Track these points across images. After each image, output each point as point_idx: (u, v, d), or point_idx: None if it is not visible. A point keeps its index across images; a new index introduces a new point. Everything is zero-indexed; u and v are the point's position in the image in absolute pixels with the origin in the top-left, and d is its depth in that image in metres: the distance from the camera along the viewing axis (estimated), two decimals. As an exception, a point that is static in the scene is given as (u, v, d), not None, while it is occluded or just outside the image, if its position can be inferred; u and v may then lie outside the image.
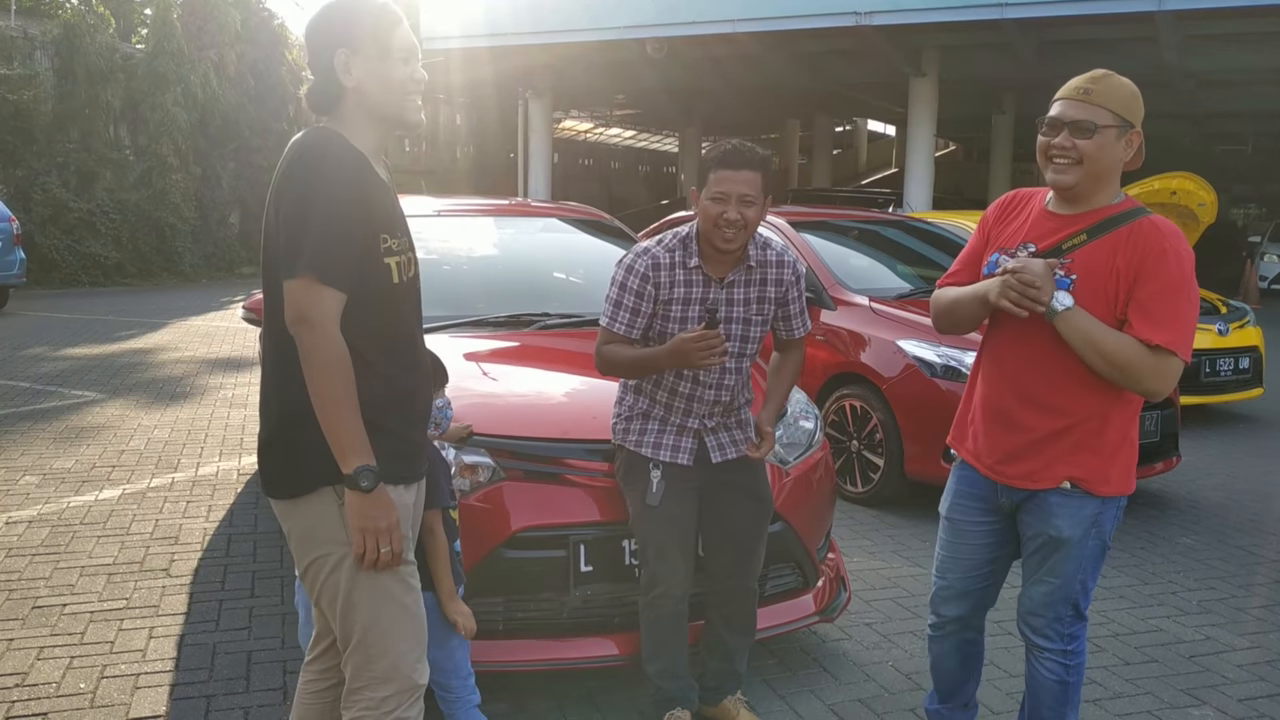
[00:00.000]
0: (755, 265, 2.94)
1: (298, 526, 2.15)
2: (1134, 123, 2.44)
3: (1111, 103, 2.41)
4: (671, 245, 2.93)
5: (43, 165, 17.93)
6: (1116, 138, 2.41)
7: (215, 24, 20.82)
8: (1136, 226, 2.41)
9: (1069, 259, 2.44)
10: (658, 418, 2.99)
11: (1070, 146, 2.41)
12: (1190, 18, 14.77)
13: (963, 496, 2.70)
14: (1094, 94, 2.41)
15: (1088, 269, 2.42)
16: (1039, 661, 2.63)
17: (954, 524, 2.74)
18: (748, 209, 2.79)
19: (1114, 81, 2.43)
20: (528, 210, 6.10)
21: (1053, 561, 2.54)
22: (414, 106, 2.15)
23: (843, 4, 15.34)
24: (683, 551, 2.94)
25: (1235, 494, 6.02)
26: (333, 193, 1.99)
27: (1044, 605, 2.58)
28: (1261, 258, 19.92)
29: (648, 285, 2.90)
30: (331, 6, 2.14)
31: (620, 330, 2.93)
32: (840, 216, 7.82)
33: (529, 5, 17.92)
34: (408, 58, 2.13)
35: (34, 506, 5.14)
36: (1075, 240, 2.45)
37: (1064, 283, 2.42)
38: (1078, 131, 2.41)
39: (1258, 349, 8.20)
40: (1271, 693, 3.50)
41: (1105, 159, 2.42)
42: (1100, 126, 2.39)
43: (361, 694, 2.16)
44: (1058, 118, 2.45)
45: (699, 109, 28.83)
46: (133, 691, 3.29)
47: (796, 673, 3.54)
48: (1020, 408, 2.53)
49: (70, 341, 10.78)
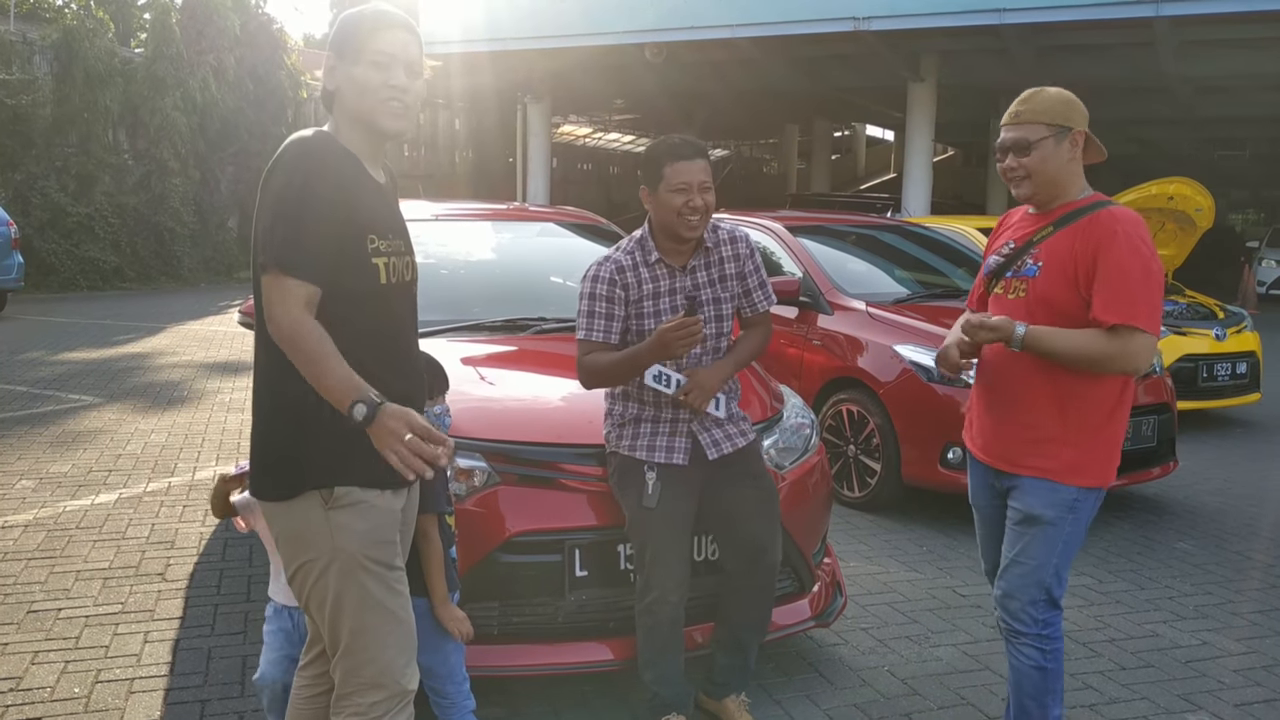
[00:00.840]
0: (711, 247, 3.05)
1: (285, 530, 2.15)
2: (1070, 125, 2.62)
3: (1041, 115, 2.62)
4: (629, 249, 3.06)
5: (41, 169, 17.91)
6: (1055, 145, 2.62)
7: (214, 28, 20.81)
8: (1095, 216, 2.60)
9: (1038, 249, 2.67)
10: (649, 420, 3.01)
11: (1016, 166, 2.65)
12: (1188, 23, 14.80)
13: (976, 484, 2.91)
14: (1024, 114, 2.63)
15: (1052, 255, 2.64)
16: (1017, 649, 2.74)
17: (977, 510, 2.94)
18: (707, 194, 2.94)
19: (1041, 96, 2.64)
20: (525, 215, 6.10)
21: (1026, 541, 2.69)
22: (388, 112, 2.11)
23: (841, 9, 15.37)
24: (679, 555, 2.94)
25: (1232, 499, 6.02)
26: (307, 187, 2.00)
27: (1019, 588, 2.70)
28: (1259, 263, 19.93)
29: (615, 289, 2.99)
30: (344, 14, 2.18)
31: (598, 338, 2.98)
32: (837, 221, 7.84)
33: (528, 10, 17.94)
34: (386, 63, 2.10)
35: (30, 511, 5.13)
36: (1043, 233, 2.68)
37: (1032, 269, 2.66)
38: (1018, 151, 2.64)
39: (1255, 354, 8.21)
40: (1268, 698, 3.50)
41: (1050, 166, 2.63)
42: (1035, 141, 2.61)
43: (350, 700, 2.16)
44: (1001, 143, 2.69)
45: (698, 113, 28.83)
46: (127, 696, 3.28)
47: (792, 678, 3.53)
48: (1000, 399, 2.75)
49: (67, 346, 10.78)
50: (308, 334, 1.97)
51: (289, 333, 1.97)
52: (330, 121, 2.17)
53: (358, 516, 2.09)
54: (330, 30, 2.19)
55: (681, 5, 16.53)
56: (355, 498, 2.09)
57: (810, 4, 15.65)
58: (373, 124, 2.13)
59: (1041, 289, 2.64)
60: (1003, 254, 2.77)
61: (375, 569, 2.12)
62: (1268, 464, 6.98)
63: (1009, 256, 2.75)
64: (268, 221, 2.01)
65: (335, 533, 2.08)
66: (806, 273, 6.17)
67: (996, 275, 2.79)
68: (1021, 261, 2.70)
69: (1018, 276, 2.71)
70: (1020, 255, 2.71)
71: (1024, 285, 2.68)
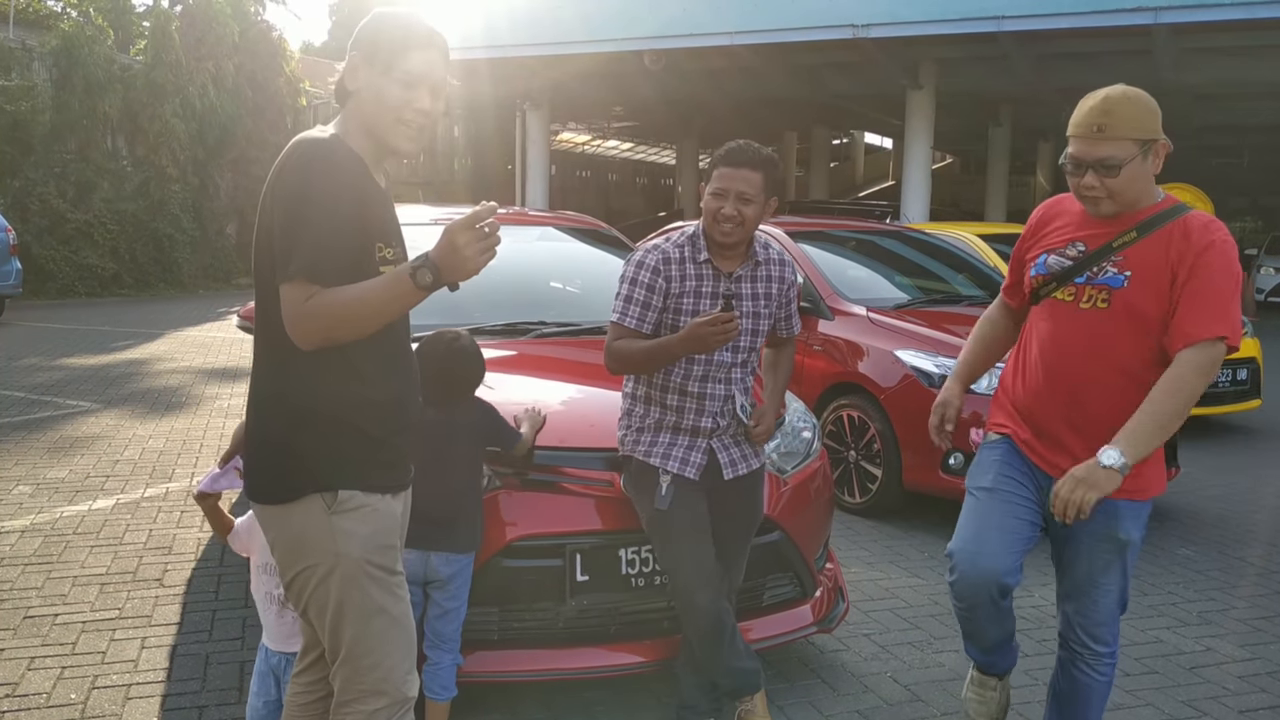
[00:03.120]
0: (761, 262, 3.02)
1: (284, 535, 2.10)
2: (1157, 135, 2.40)
3: (1132, 130, 2.36)
4: (680, 242, 3.00)
5: (40, 175, 17.92)
6: (1143, 161, 2.40)
7: (213, 35, 20.84)
8: (1184, 223, 2.42)
9: (1120, 256, 2.45)
10: (669, 427, 2.98)
11: (1098, 184, 2.40)
12: (1186, 31, 14.83)
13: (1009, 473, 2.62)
14: (1109, 127, 2.35)
15: (1143, 264, 2.43)
16: (1093, 668, 2.64)
17: (991, 493, 2.63)
18: (745, 206, 2.86)
19: (1127, 106, 2.38)
20: (524, 219, 6.08)
21: (1116, 564, 2.56)
22: (404, 134, 2.08)
23: (840, 17, 15.39)
24: (697, 553, 2.90)
25: (1233, 505, 6.01)
26: (327, 193, 1.95)
27: (1107, 611, 2.60)
28: (1258, 270, 19.95)
29: (658, 279, 2.94)
30: (378, 13, 2.11)
31: (631, 324, 2.94)
32: (838, 227, 7.83)
33: (527, 17, 17.96)
34: (412, 83, 2.05)
35: (27, 516, 5.11)
36: (1126, 238, 2.45)
37: (1118, 279, 2.44)
38: (1104, 170, 2.38)
39: (1255, 360, 8.19)
40: (1272, 704, 3.48)
41: (1137, 184, 2.41)
42: (1125, 160, 2.36)
43: (351, 707, 2.13)
44: (1076, 158, 2.41)
45: (696, 121, 28.90)
46: (124, 702, 3.26)
47: (794, 684, 3.51)
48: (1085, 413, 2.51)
49: (65, 352, 10.75)
50: (335, 306, 1.92)
51: (325, 324, 1.92)
52: (339, 120, 2.10)
53: (361, 521, 2.07)
54: (363, 24, 2.10)
55: (680, 13, 16.55)
56: (359, 502, 2.06)
57: (809, 12, 15.66)
58: (385, 140, 2.08)
59: (1130, 300, 2.43)
60: (1069, 255, 2.53)
61: (378, 574, 2.09)
62: (1269, 470, 6.97)
63: (1080, 260, 2.50)
64: (288, 226, 1.94)
65: (338, 538, 2.05)
66: (807, 278, 6.17)
67: (1062, 279, 2.54)
68: (1100, 268, 2.47)
69: (1095, 284, 2.48)
70: (1097, 261, 2.48)
71: (1105, 295, 2.46)
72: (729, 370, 2.96)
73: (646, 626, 3.16)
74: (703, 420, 2.96)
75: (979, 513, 2.63)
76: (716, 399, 2.96)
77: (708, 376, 2.94)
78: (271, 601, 2.69)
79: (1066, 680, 2.68)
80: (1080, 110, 2.42)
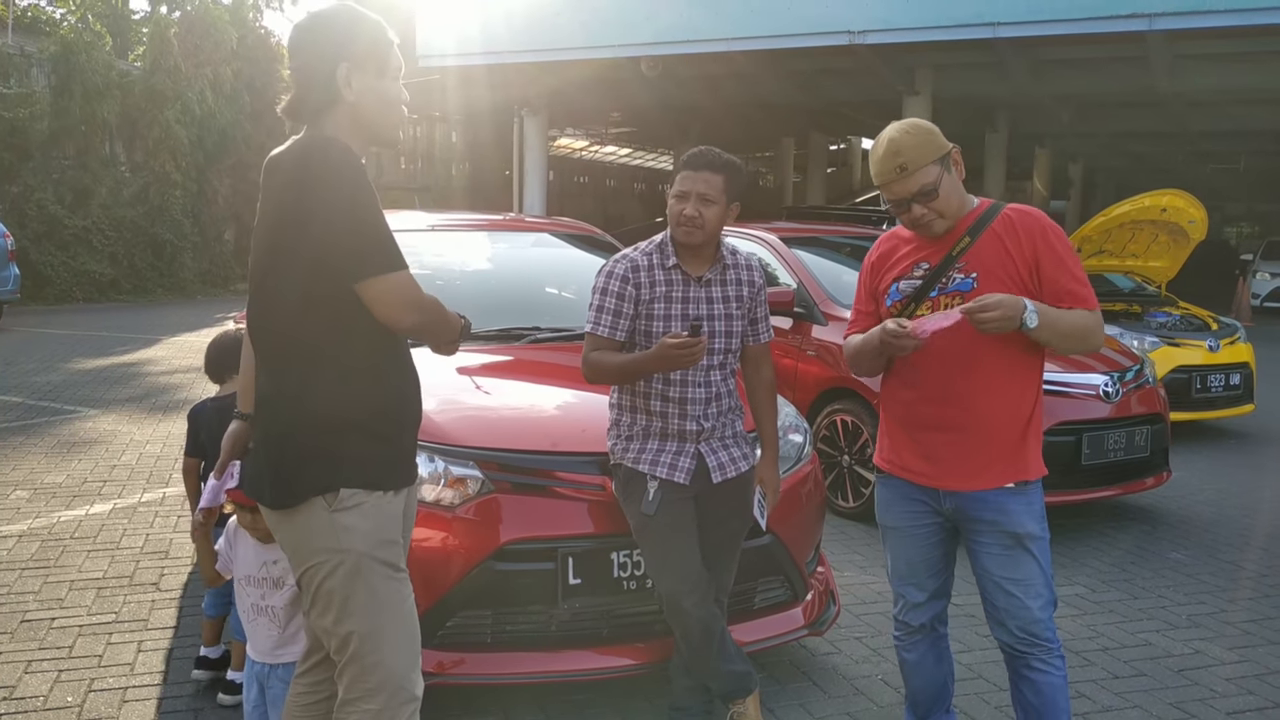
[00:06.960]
0: (729, 266, 3.07)
1: (290, 537, 2.16)
2: (945, 148, 2.60)
3: (925, 157, 2.55)
4: (648, 250, 3.07)
5: (38, 181, 17.94)
6: (948, 173, 2.60)
7: (212, 41, 20.87)
8: (1006, 216, 2.62)
9: (962, 261, 2.61)
10: (656, 434, 3.01)
11: (927, 210, 2.59)
12: (1181, 37, 14.88)
13: (895, 504, 2.80)
14: (909, 164, 2.55)
15: (983, 263, 2.60)
16: (1046, 663, 2.64)
17: (896, 531, 2.81)
18: (706, 207, 2.93)
19: (911, 140, 2.57)
20: (520, 225, 6.12)
21: (1023, 560, 2.62)
22: (399, 125, 2.22)
23: (836, 23, 15.42)
24: (683, 556, 2.93)
25: (1225, 509, 6.04)
26: (369, 190, 2.05)
27: (1038, 606, 2.62)
28: (1253, 275, 20.00)
29: (628, 286, 3.00)
30: (329, 18, 2.14)
31: (604, 333, 3.00)
32: (831, 232, 7.86)
33: (525, 24, 17.99)
34: (398, 76, 2.20)
35: (24, 521, 5.13)
36: (961, 244, 2.62)
37: (966, 283, 2.59)
38: (923, 198, 2.58)
39: (1248, 365, 8.24)
40: (1260, 706, 3.50)
41: (954, 194, 2.61)
42: (936, 182, 2.57)
43: (356, 705, 2.15)
44: (900, 199, 2.60)
45: (694, 127, 28.90)
46: (120, 705, 3.28)
47: (785, 686, 3.54)
48: (949, 413, 2.64)
49: (63, 357, 10.77)
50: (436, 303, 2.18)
51: (432, 303, 2.15)
52: (330, 124, 2.12)
53: (362, 517, 2.11)
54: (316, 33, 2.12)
55: (677, 20, 16.58)
56: (359, 499, 2.11)
57: (805, 18, 15.70)
58: (386, 136, 2.21)
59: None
60: (917, 276, 2.67)
61: (382, 569, 2.13)
62: (1261, 475, 7.00)
63: (928, 276, 2.65)
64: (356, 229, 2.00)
65: (340, 534, 2.09)
66: (801, 284, 6.20)
67: (916, 298, 2.67)
68: (948, 278, 2.62)
69: (947, 293, 2.62)
70: (943, 272, 2.63)
71: (959, 300, 2.58)
72: (707, 373, 3.01)
73: (639, 629, 3.19)
74: (687, 424, 3.00)
75: (898, 549, 2.83)
76: (698, 402, 3.00)
77: (686, 380, 2.99)
78: (258, 614, 2.70)
79: (1026, 687, 2.68)
80: (876, 162, 2.61)
